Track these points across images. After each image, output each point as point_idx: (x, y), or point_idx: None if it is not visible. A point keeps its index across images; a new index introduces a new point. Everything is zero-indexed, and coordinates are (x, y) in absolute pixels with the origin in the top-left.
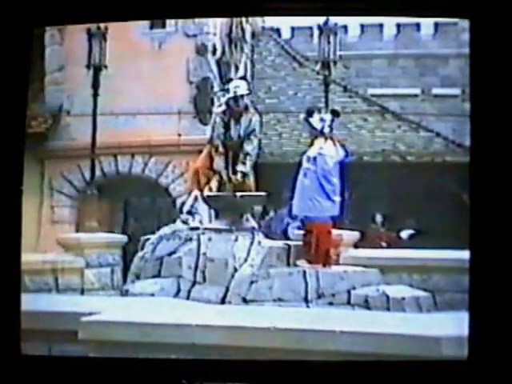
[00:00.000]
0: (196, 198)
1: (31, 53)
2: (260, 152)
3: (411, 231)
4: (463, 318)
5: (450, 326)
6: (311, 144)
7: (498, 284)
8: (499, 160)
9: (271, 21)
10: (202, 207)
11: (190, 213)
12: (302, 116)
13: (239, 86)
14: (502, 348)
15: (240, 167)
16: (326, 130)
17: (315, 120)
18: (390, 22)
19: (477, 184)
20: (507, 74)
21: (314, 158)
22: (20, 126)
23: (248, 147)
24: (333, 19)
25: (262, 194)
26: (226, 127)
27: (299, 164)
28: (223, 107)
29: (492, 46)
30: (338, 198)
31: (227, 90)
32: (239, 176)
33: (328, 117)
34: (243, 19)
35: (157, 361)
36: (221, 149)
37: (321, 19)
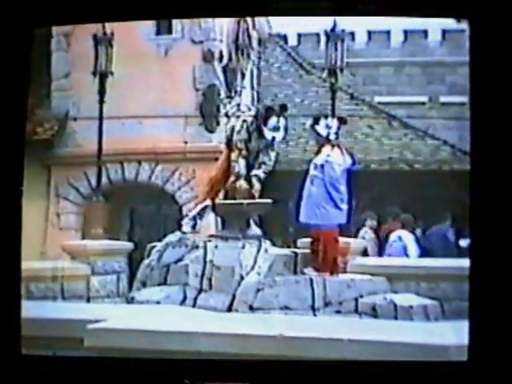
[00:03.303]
0: (205, 208)
1: (31, 53)
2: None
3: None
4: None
5: (457, 335)
6: (318, 151)
7: (498, 291)
8: (500, 167)
9: (278, 27)
10: (210, 216)
11: (193, 219)
12: (309, 123)
13: (279, 129)
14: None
15: (255, 171)
16: (332, 136)
17: (321, 127)
18: (397, 29)
19: (477, 191)
20: (507, 74)
21: (322, 166)
22: (20, 126)
23: (264, 158)
24: (340, 25)
25: (269, 201)
26: (249, 134)
27: (306, 171)
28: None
29: (492, 46)
30: (345, 206)
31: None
32: (256, 180)
33: (334, 124)
34: (250, 25)
35: (159, 361)
36: (244, 152)
37: (328, 25)
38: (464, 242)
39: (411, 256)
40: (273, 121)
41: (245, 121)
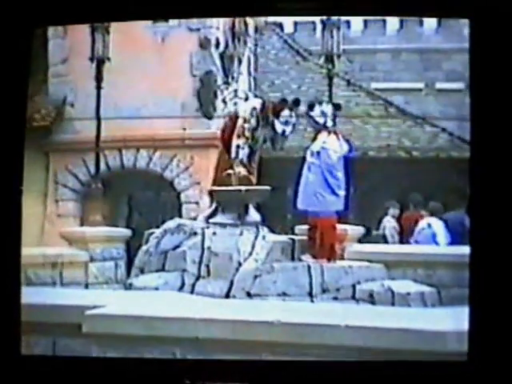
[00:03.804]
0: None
1: (31, 53)
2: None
3: None
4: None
5: (454, 321)
6: (314, 138)
7: (498, 279)
8: (500, 156)
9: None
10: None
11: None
12: (303, 110)
13: (289, 123)
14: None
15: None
16: (329, 123)
17: (316, 113)
18: (392, 17)
19: (477, 179)
20: (507, 74)
21: (318, 153)
22: (20, 126)
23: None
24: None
25: (267, 188)
26: (258, 123)
27: (304, 158)
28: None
29: (492, 45)
30: (342, 193)
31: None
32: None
33: (329, 110)
34: None
35: (160, 360)
36: (250, 141)
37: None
38: None
39: (441, 244)
40: (285, 114)
41: (254, 108)
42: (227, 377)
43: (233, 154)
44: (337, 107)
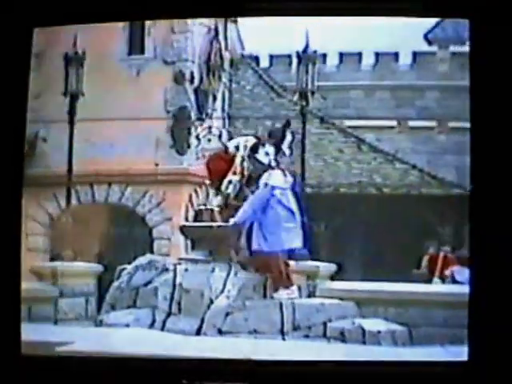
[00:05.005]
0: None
1: (30, 53)
2: None
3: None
4: (438, 352)
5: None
6: (258, 177)
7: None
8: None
9: (250, 47)
10: (180, 238)
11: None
12: (247, 153)
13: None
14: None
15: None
16: (273, 163)
17: (261, 155)
18: (368, 51)
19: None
20: (507, 74)
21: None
22: (20, 125)
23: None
24: (312, 46)
25: None
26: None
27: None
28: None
29: (492, 46)
30: (296, 228)
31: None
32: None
33: (271, 150)
34: (222, 46)
35: (157, 360)
36: (245, 180)
37: (300, 46)
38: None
39: None
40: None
41: (249, 156)
42: (225, 377)
43: (222, 188)
44: (276, 146)
